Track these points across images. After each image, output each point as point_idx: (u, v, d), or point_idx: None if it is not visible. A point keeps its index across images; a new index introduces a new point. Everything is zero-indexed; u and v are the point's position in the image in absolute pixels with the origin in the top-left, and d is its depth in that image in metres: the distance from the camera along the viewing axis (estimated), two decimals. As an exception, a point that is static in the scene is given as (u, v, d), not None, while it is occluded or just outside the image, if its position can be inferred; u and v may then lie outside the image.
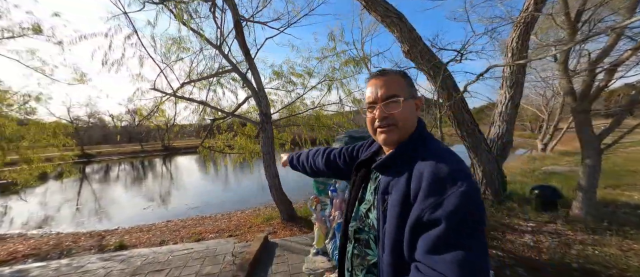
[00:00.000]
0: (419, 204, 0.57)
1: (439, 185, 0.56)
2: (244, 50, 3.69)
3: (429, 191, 0.57)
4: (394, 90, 0.71)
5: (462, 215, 0.52)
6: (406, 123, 0.71)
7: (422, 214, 0.56)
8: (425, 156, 0.63)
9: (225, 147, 6.19)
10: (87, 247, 4.61)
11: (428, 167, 0.60)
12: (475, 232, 0.52)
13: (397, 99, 0.70)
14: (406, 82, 0.74)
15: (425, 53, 3.78)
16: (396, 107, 0.70)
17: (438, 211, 0.54)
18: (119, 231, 5.74)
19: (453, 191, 0.54)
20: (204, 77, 4.81)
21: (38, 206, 8.79)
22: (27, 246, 4.95)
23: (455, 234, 0.52)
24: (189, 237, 4.75)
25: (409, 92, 0.73)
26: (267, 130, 4.05)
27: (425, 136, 0.72)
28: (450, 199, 0.54)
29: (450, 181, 0.56)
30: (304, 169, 1.27)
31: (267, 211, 6.68)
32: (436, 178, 0.57)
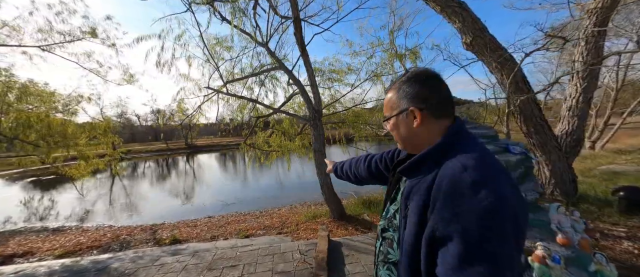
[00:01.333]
0: (435, 216, 0.54)
1: (457, 196, 0.51)
2: (301, 46, 3.65)
3: (445, 203, 0.53)
4: (385, 110, 0.74)
5: (480, 233, 0.47)
6: (401, 138, 0.71)
7: (436, 227, 0.53)
8: (452, 161, 0.58)
9: (264, 144, 6.24)
10: (143, 240, 4.82)
11: (449, 175, 0.55)
12: (495, 255, 0.46)
13: (385, 119, 0.74)
14: (397, 95, 0.70)
15: (492, 44, 3.54)
16: (389, 126, 0.74)
17: (452, 225, 0.50)
18: (166, 225, 5.96)
19: (472, 204, 0.49)
20: (251, 75, 4.86)
21: (81, 201, 9.39)
22: (88, 238, 5.26)
23: (466, 255, 0.47)
24: (237, 234, 4.82)
25: (398, 106, 0.70)
26: (318, 127, 4.00)
27: (455, 140, 0.64)
28: (466, 214, 0.49)
29: (470, 193, 0.50)
30: (348, 177, 1.26)
31: (303, 208, 6.68)
32: (455, 188, 0.52)
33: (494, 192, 0.49)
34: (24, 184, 14.49)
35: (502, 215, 0.48)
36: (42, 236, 5.64)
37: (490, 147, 2.32)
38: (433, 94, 0.67)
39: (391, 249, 0.72)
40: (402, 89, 0.69)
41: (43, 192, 12.03)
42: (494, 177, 0.53)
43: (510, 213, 0.49)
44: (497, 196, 0.49)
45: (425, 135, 0.67)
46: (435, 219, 0.53)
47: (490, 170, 0.55)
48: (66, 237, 5.43)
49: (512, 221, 0.49)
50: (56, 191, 12.19)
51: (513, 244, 0.49)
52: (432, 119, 0.66)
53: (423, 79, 0.68)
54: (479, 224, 0.47)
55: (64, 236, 5.51)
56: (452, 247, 0.49)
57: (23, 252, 4.49)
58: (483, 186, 0.50)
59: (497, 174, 0.55)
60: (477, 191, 0.50)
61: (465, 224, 0.48)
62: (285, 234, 4.46)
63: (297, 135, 5.92)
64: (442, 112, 0.67)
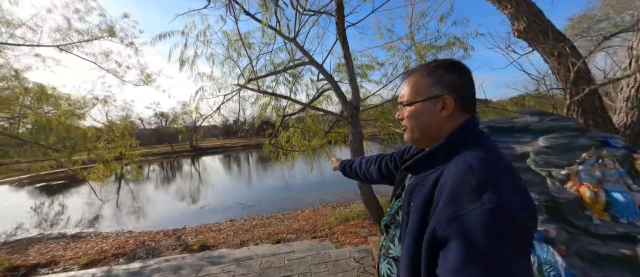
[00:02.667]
0: (436, 216, 0.52)
1: (460, 197, 0.50)
2: (342, 37, 3.42)
3: (447, 203, 0.51)
4: (406, 94, 0.69)
5: (481, 237, 0.45)
6: (416, 126, 0.68)
7: (437, 227, 0.51)
8: (458, 160, 0.57)
9: (286, 144, 6.01)
10: (169, 246, 4.61)
11: (453, 175, 0.54)
12: (495, 261, 0.44)
13: (403, 103, 0.70)
14: (429, 80, 0.66)
15: (549, 31, 3.29)
16: (403, 110, 0.70)
17: (452, 226, 0.48)
18: (188, 230, 5.75)
19: (475, 206, 0.47)
20: (279, 71, 4.63)
21: (92, 206, 9.19)
22: (110, 244, 5.05)
23: (467, 258, 0.46)
24: (267, 238, 4.60)
25: (428, 92, 0.65)
26: (356, 124, 3.77)
27: (464, 137, 0.62)
28: (468, 216, 0.47)
29: (473, 194, 0.49)
30: (356, 176, 1.25)
31: (328, 209, 6.46)
32: (458, 189, 0.51)
33: (497, 196, 0.47)
34: (33, 189, 14.38)
35: (504, 219, 0.46)
36: (62, 243, 5.45)
37: (582, 140, 2.07)
38: (466, 87, 0.65)
39: (392, 244, 0.72)
40: (436, 74, 0.65)
41: (54, 197, 11.88)
42: (498, 181, 0.51)
43: (513, 218, 0.47)
44: (500, 200, 0.47)
45: (446, 127, 0.64)
46: (437, 218, 0.52)
47: (496, 172, 0.53)
48: (87, 244, 5.23)
49: (514, 226, 0.47)
50: (67, 195, 12.05)
51: (515, 250, 0.46)
52: (458, 111, 0.64)
53: (459, 68, 0.65)
54: (479, 227, 0.46)
55: (84, 243, 5.31)
56: (452, 249, 0.48)
57: (46, 261, 4.29)
58: (487, 188, 0.48)
59: (503, 177, 0.52)
60: (480, 193, 0.48)
61: (466, 227, 0.47)
62: (321, 238, 4.23)
63: (325, 134, 5.68)
64: (468, 106, 0.65)
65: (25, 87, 4.56)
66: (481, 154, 0.56)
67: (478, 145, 0.59)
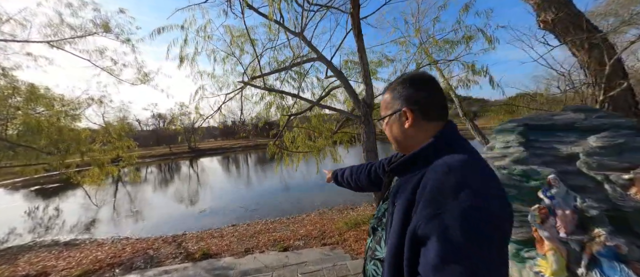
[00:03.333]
0: (418, 215, 0.54)
1: (439, 196, 0.52)
2: (357, 30, 3.17)
3: (428, 202, 0.53)
4: (381, 110, 0.77)
5: (460, 234, 0.47)
6: (393, 138, 0.74)
7: (418, 226, 0.53)
8: (438, 162, 0.59)
9: (291, 145, 5.75)
10: (169, 254, 4.32)
11: (433, 176, 0.56)
12: (473, 258, 0.46)
13: (380, 118, 0.78)
14: (391, 96, 0.73)
15: (582, 21, 3.05)
16: (384, 126, 0.77)
17: (431, 224, 0.50)
18: (189, 236, 5.46)
19: (453, 205, 0.49)
20: (286, 67, 4.38)
21: (87, 210, 8.86)
22: (105, 253, 4.76)
23: (445, 255, 0.47)
24: (273, 245, 4.33)
25: (392, 106, 0.72)
26: (370, 123, 3.52)
27: (444, 143, 0.64)
28: (447, 214, 0.49)
29: (452, 193, 0.51)
30: (348, 185, 1.28)
31: (334, 213, 6.20)
32: (438, 189, 0.53)
33: (475, 195, 0.49)
34: (27, 192, 13.98)
35: (482, 218, 0.48)
36: (55, 251, 5.14)
37: (642, 139, 1.83)
38: (426, 97, 0.68)
39: (379, 246, 0.73)
40: (396, 90, 0.71)
41: (49, 201, 11.52)
42: (477, 181, 0.53)
43: (491, 218, 0.49)
44: (478, 199, 0.49)
45: (415, 137, 0.68)
46: (418, 217, 0.53)
47: (474, 173, 0.55)
48: (81, 252, 4.93)
49: (492, 225, 0.48)
50: (62, 199, 11.68)
51: (493, 249, 0.48)
52: (423, 121, 0.68)
53: (417, 81, 0.70)
54: (458, 225, 0.47)
55: (78, 251, 5.01)
56: (432, 247, 0.49)
57: (36, 273, 3.99)
58: (465, 188, 0.50)
59: (481, 178, 0.55)
60: (458, 192, 0.50)
61: (445, 224, 0.48)
62: (332, 245, 3.97)
63: (333, 134, 5.42)
64: (433, 115, 0.68)
65: (13, 86, 4.26)
66: (461, 156, 0.58)
67: (457, 150, 0.61)
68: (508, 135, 2.31)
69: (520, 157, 2.01)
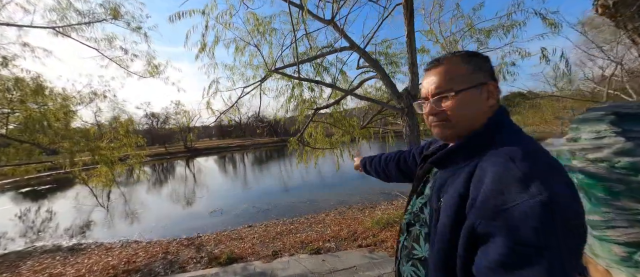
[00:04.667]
0: (476, 210, 0.48)
1: (504, 189, 0.45)
2: (409, 13, 2.91)
3: (489, 196, 0.47)
4: (445, 83, 0.62)
5: (530, 233, 0.41)
6: (463, 117, 0.61)
7: (477, 223, 0.47)
8: (495, 151, 0.53)
9: (312, 140, 5.48)
10: (191, 259, 3.99)
11: (493, 165, 0.50)
12: (547, 259, 0.40)
13: (448, 94, 0.61)
14: (468, 67, 0.61)
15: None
16: (447, 101, 0.62)
17: (496, 221, 0.44)
18: (204, 239, 5.13)
19: (523, 199, 0.43)
20: (319, 55, 4.11)
21: (82, 212, 8.38)
22: (117, 258, 4.40)
23: (515, 256, 0.41)
24: (303, 248, 4.06)
25: (471, 80, 0.60)
26: (413, 115, 3.28)
27: (499, 128, 0.58)
28: (516, 210, 0.43)
29: (520, 185, 0.44)
30: (377, 173, 1.23)
31: (355, 212, 5.95)
32: (501, 180, 0.47)
33: (548, 188, 0.43)
34: (16, 195, 13.27)
35: (556, 214, 0.41)
36: (59, 257, 4.74)
37: None
38: (494, 74, 0.64)
39: (417, 244, 0.67)
40: (474, 61, 0.62)
41: (42, 203, 10.93)
42: (547, 172, 0.47)
43: (567, 214, 0.42)
44: (551, 192, 0.42)
45: (479, 114, 0.60)
46: (476, 214, 0.48)
47: (540, 162, 0.49)
48: (89, 258, 4.55)
49: (569, 220, 0.42)
50: (56, 201, 11.11)
51: (570, 247, 0.42)
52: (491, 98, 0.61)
53: (486, 57, 0.64)
54: (528, 222, 0.41)
55: (86, 257, 4.63)
56: (495, 246, 0.44)
57: (44, 282, 3.62)
58: (534, 180, 0.44)
59: (550, 168, 0.48)
60: (527, 184, 0.44)
61: (512, 222, 0.43)
62: (369, 247, 3.72)
63: (362, 128, 5.18)
64: (498, 94, 0.62)
65: (16, 77, 3.86)
66: (520, 144, 0.52)
67: (512, 134, 0.57)
68: (596, 125, 2.10)
69: (624, 148, 1.81)
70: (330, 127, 5.64)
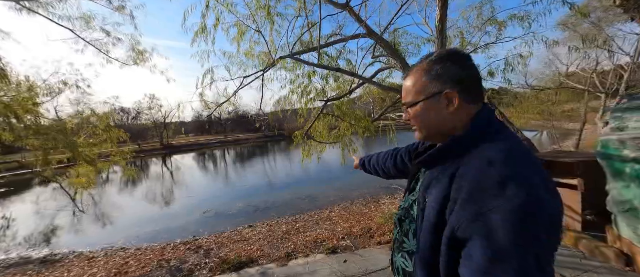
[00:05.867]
0: (456, 214, 0.49)
1: (482, 193, 0.47)
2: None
3: (468, 200, 0.48)
4: (408, 95, 0.66)
5: (509, 236, 0.42)
6: (428, 125, 0.64)
7: (457, 227, 0.48)
8: (476, 154, 0.54)
9: (317, 134, 5.23)
10: (198, 266, 3.60)
11: (473, 169, 0.51)
12: (525, 262, 0.41)
13: (410, 105, 0.66)
14: (427, 77, 0.62)
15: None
16: (412, 111, 0.66)
17: (474, 226, 0.45)
18: (203, 242, 4.71)
19: (499, 203, 0.44)
20: (337, 41, 3.83)
21: (48, 218, 7.47)
22: (105, 270, 3.87)
23: (492, 260, 0.43)
24: (317, 247, 3.84)
25: (428, 90, 0.62)
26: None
27: (483, 129, 0.58)
28: (493, 214, 0.44)
29: (498, 190, 0.45)
30: (376, 172, 1.24)
31: (361, 207, 5.82)
32: (480, 184, 0.48)
33: (525, 191, 0.44)
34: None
35: (534, 217, 0.43)
36: (31, 272, 4.09)
37: None
38: (469, 77, 0.60)
39: (407, 238, 0.70)
40: (434, 70, 0.61)
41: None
42: (525, 174, 0.47)
43: (542, 215, 0.43)
44: (529, 195, 0.43)
45: (457, 122, 0.60)
46: (457, 217, 0.49)
47: (521, 166, 0.49)
48: (69, 271, 3.97)
49: (544, 224, 0.43)
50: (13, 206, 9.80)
51: (547, 250, 0.44)
52: (465, 104, 0.59)
53: (459, 59, 0.61)
54: (506, 225, 0.42)
55: (65, 270, 4.04)
56: (476, 250, 0.45)
57: (18, 303, 3.06)
58: (513, 183, 0.45)
59: (530, 171, 0.49)
60: (505, 188, 0.45)
61: (490, 225, 0.44)
62: (389, 244, 3.58)
63: (374, 121, 5.01)
64: (474, 97, 0.60)
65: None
66: (501, 145, 0.53)
67: (496, 136, 0.56)
68: (622, 119, 2.09)
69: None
70: (333, 121, 5.41)
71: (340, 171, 10.61)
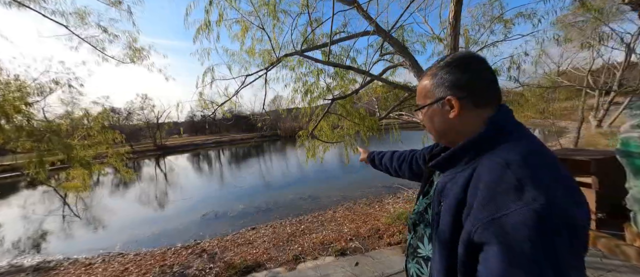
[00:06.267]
0: (472, 218, 0.48)
1: (499, 196, 0.45)
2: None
3: (484, 203, 0.47)
4: (419, 98, 0.68)
5: (525, 241, 0.40)
6: (436, 128, 0.65)
7: (473, 231, 0.47)
8: (491, 156, 0.52)
9: (322, 133, 5.13)
10: (203, 270, 3.47)
11: (489, 172, 0.50)
12: (542, 269, 0.39)
13: (419, 108, 0.68)
14: (432, 82, 0.63)
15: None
16: (422, 114, 0.68)
17: (491, 230, 0.44)
18: (203, 246, 4.57)
19: (517, 207, 0.42)
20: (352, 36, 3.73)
21: (35, 223, 7.18)
22: (103, 276, 3.70)
23: (509, 266, 0.41)
24: (325, 249, 3.76)
25: (433, 95, 0.63)
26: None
27: (498, 132, 0.55)
28: (510, 218, 0.42)
29: (515, 192, 0.44)
30: (387, 170, 1.21)
31: (366, 207, 5.75)
32: (496, 187, 0.46)
33: (543, 194, 0.42)
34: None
35: (552, 222, 0.41)
36: (24, 281, 3.89)
37: None
38: (474, 81, 0.59)
39: (421, 243, 0.68)
40: (438, 75, 0.62)
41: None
42: (542, 176, 0.45)
43: (561, 219, 0.41)
44: (547, 199, 0.41)
45: (463, 127, 0.60)
46: (473, 221, 0.47)
47: (540, 168, 0.47)
48: (65, 279, 3.79)
49: (564, 228, 0.41)
50: None
51: (568, 256, 0.40)
52: (472, 108, 0.58)
53: (464, 63, 0.60)
54: (522, 230, 0.41)
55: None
56: (493, 255, 0.44)
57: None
58: (530, 186, 0.43)
59: (550, 173, 0.46)
60: (522, 191, 0.43)
61: (507, 229, 0.42)
62: (400, 244, 3.51)
63: (381, 119, 4.94)
64: (484, 100, 0.59)
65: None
66: (518, 147, 0.51)
67: (514, 139, 0.53)
68: None
69: None
70: (337, 120, 5.33)
71: (340, 170, 10.57)
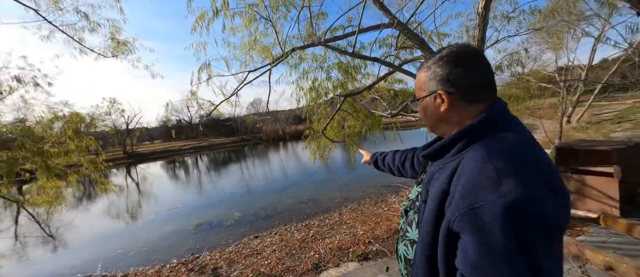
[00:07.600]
0: (453, 208, 0.50)
1: (477, 188, 0.46)
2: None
3: (464, 194, 0.48)
4: (416, 90, 0.70)
5: (500, 234, 0.41)
6: (428, 120, 0.68)
7: (453, 220, 0.49)
8: (477, 148, 0.53)
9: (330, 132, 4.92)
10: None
11: (471, 163, 0.51)
12: (514, 262, 0.40)
13: (413, 100, 0.72)
14: (426, 75, 0.64)
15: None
16: (417, 106, 0.71)
17: (466, 220, 0.46)
18: (204, 260, 4.12)
19: (492, 198, 0.43)
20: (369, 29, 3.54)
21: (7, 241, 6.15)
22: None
23: (482, 256, 0.43)
24: (343, 255, 3.53)
25: (427, 88, 0.65)
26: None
27: (487, 126, 0.56)
28: (485, 209, 0.43)
29: (492, 185, 0.45)
30: (390, 170, 1.22)
31: (374, 207, 5.60)
32: (476, 179, 0.47)
33: (520, 188, 0.43)
34: None
35: (526, 216, 0.41)
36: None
37: None
38: (465, 76, 0.59)
39: (410, 227, 0.71)
40: (432, 69, 0.63)
41: None
42: (522, 171, 0.46)
43: (538, 213, 0.42)
44: (523, 193, 0.42)
45: (454, 120, 0.62)
46: (453, 210, 0.49)
47: (520, 162, 0.47)
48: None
49: (539, 222, 0.41)
50: None
51: (539, 248, 0.41)
52: (463, 103, 0.60)
53: (457, 58, 0.60)
54: (497, 222, 0.42)
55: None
56: (468, 244, 0.45)
57: None
58: (508, 178, 0.44)
59: (528, 168, 0.47)
60: (499, 183, 0.44)
61: (482, 221, 0.43)
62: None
63: (393, 116, 4.80)
64: (475, 96, 0.59)
65: None
66: (504, 141, 0.52)
67: (501, 134, 0.54)
68: None
69: None
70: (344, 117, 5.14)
71: (337, 171, 10.37)
